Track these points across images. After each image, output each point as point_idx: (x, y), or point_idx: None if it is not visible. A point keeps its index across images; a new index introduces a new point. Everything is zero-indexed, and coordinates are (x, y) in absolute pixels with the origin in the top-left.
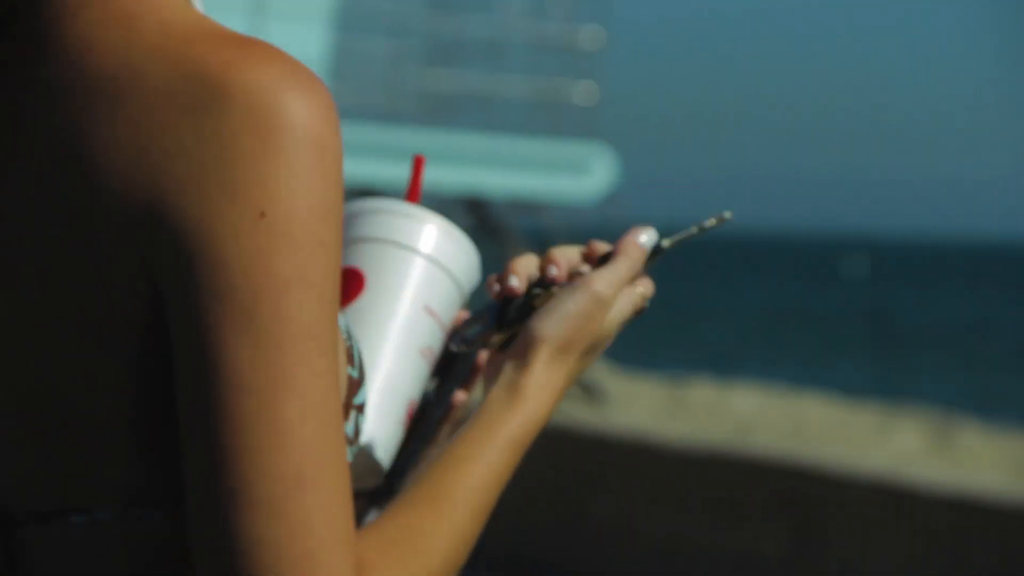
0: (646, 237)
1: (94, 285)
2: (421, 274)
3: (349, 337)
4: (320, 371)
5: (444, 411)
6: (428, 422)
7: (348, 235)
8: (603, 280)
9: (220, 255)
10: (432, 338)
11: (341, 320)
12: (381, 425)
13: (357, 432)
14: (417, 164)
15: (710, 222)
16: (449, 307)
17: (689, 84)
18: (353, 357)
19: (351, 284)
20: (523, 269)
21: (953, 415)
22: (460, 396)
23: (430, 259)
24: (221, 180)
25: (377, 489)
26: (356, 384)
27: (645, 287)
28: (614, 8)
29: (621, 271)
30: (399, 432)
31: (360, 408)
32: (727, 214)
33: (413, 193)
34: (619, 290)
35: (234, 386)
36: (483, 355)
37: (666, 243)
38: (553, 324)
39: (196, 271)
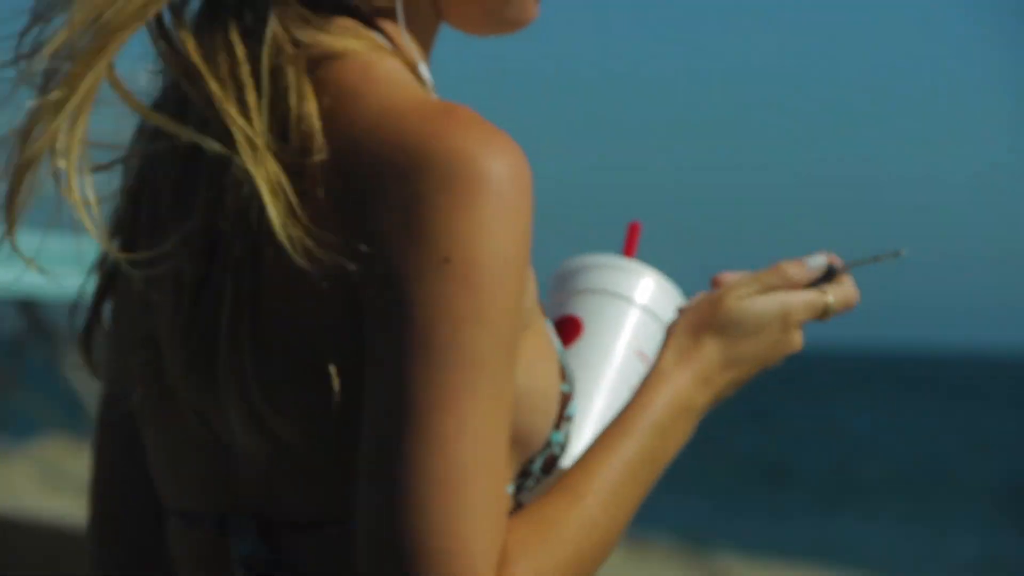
0: (813, 260)
1: (322, 322)
2: (635, 322)
3: (561, 357)
4: (484, 396)
5: None
6: None
7: (571, 287)
8: (734, 276)
9: (406, 293)
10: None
11: (556, 346)
12: None
13: (567, 439)
14: (633, 229)
15: (887, 254)
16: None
17: None
18: (565, 375)
19: (570, 330)
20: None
21: None
22: None
23: (644, 309)
24: (415, 233)
25: None
26: (567, 397)
27: (836, 294)
28: None
29: (761, 274)
30: None
31: (570, 419)
32: (903, 251)
33: (629, 250)
34: (753, 285)
35: (401, 400)
36: None
37: (840, 265)
38: (679, 318)
39: (386, 306)
